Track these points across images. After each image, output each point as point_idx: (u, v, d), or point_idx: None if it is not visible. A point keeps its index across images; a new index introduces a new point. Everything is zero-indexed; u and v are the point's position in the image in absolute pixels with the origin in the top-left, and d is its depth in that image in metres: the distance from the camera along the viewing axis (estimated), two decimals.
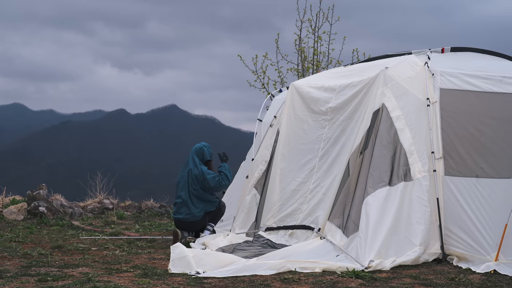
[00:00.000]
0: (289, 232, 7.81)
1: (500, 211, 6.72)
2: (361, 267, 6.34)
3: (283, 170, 8.26)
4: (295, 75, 15.14)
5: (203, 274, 6.14)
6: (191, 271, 6.24)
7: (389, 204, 6.85)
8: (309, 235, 7.56)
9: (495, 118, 7.20)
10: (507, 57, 8.32)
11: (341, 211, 7.20)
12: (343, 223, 7.08)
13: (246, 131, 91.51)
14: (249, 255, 7.01)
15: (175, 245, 6.84)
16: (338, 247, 6.87)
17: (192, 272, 6.21)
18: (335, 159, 7.83)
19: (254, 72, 15.22)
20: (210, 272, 6.19)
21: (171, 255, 6.59)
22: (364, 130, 7.40)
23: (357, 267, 6.31)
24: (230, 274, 6.12)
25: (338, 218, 7.19)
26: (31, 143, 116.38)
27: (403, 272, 6.34)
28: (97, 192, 12.41)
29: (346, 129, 7.84)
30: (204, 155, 8.59)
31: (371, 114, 7.38)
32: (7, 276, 5.94)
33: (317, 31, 15.15)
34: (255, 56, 15.23)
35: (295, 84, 8.58)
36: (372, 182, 6.94)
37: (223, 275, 6.07)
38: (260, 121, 9.75)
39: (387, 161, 7.08)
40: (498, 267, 6.38)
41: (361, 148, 7.32)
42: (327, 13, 15.08)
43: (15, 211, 10.68)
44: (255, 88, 15.37)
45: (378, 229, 6.67)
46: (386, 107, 7.30)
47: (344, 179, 7.44)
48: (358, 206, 6.92)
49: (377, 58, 8.85)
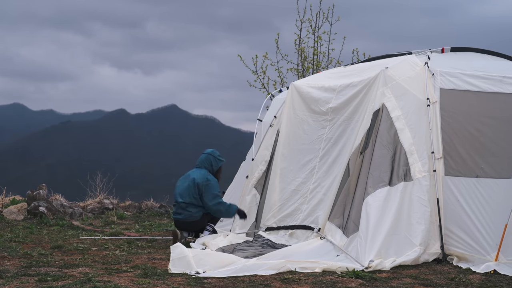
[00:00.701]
0: (289, 232, 7.81)
1: (500, 211, 6.72)
2: (361, 267, 6.34)
3: (283, 170, 8.26)
4: (295, 75, 15.14)
5: (203, 274, 6.14)
6: (191, 271, 6.24)
7: (389, 204, 6.85)
8: (309, 235, 7.57)
9: (495, 118, 7.20)
10: (507, 57, 8.32)
11: (341, 211, 7.20)
12: (343, 223, 7.08)
13: (246, 131, 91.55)
14: (249, 255, 7.01)
15: (175, 245, 6.84)
16: (338, 247, 6.88)
17: (192, 272, 6.21)
18: (336, 159, 7.82)
19: (254, 72, 15.22)
20: (210, 272, 6.19)
21: (171, 255, 6.58)
22: (364, 130, 7.39)
23: (357, 267, 6.31)
24: (230, 274, 6.12)
25: (338, 218, 7.19)
26: (31, 143, 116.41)
27: (403, 272, 6.34)
28: (97, 192, 12.42)
29: (346, 129, 7.84)
30: (212, 165, 8.38)
31: (371, 114, 7.38)
32: (7, 276, 5.94)
33: (317, 31, 15.17)
34: (255, 56, 15.24)
35: (295, 84, 8.58)
36: (372, 182, 6.94)
37: (223, 275, 6.07)
38: (260, 121, 9.75)
39: (387, 161, 7.08)
40: (498, 267, 6.38)
41: (361, 148, 7.32)
42: (327, 13, 15.10)
43: (15, 211, 10.68)
44: (255, 88, 15.38)
45: (378, 229, 6.67)
46: (386, 107, 7.30)
47: (344, 179, 7.43)
48: (358, 206, 6.92)
49: (377, 58, 8.85)
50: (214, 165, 8.38)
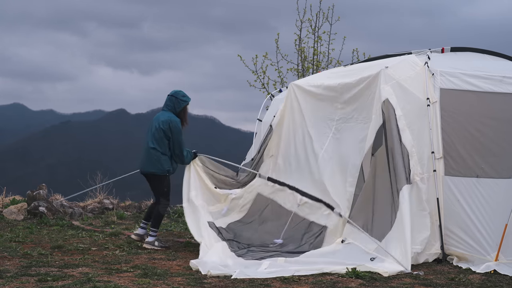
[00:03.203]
0: (299, 198, 7.71)
1: (500, 211, 6.72)
2: (406, 270, 6.26)
3: (281, 166, 8.32)
4: (295, 75, 15.14)
5: (236, 274, 6.10)
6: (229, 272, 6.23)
7: (410, 201, 6.79)
8: (323, 212, 7.51)
9: (495, 118, 7.20)
10: (507, 57, 8.32)
11: (364, 212, 7.09)
12: (369, 224, 6.99)
13: (246, 131, 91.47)
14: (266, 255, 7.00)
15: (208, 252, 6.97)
16: (366, 250, 6.76)
17: (230, 273, 6.18)
18: (338, 157, 7.80)
19: (254, 72, 15.22)
20: (246, 272, 6.19)
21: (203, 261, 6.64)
22: (374, 130, 7.28)
23: (400, 269, 6.24)
24: (268, 275, 6.09)
25: (361, 219, 7.07)
26: (31, 143, 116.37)
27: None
28: (97, 192, 12.41)
29: (347, 129, 7.83)
30: (175, 104, 8.05)
31: (379, 111, 7.28)
32: (7, 276, 5.94)
33: (317, 31, 15.16)
34: (255, 56, 15.24)
35: (295, 84, 8.57)
36: (397, 179, 6.84)
37: (260, 276, 6.04)
38: (260, 121, 9.75)
39: (401, 158, 7.00)
40: (498, 267, 6.38)
41: (372, 150, 7.26)
42: (327, 13, 15.10)
43: (15, 211, 10.67)
44: (255, 88, 15.38)
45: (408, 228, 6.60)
46: (391, 104, 7.22)
47: (359, 184, 7.39)
48: (384, 206, 6.85)
49: (377, 58, 8.85)
50: (176, 106, 8.09)
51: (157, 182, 8.01)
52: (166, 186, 8.01)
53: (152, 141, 7.94)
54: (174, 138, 7.91)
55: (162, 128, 7.90)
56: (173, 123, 7.90)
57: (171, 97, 8.13)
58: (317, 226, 7.51)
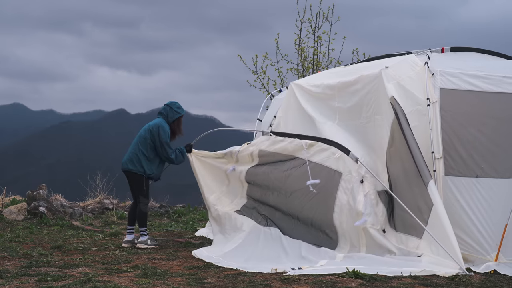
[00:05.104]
0: (335, 154, 7.39)
1: (500, 211, 6.72)
2: (462, 271, 6.17)
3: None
4: (295, 75, 15.16)
5: (298, 271, 6.26)
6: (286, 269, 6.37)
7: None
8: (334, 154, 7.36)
9: (495, 118, 7.19)
10: (507, 57, 8.32)
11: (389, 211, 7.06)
12: (394, 222, 6.99)
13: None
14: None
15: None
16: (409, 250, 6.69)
17: (287, 269, 6.33)
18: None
19: (254, 72, 15.23)
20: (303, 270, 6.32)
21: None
22: (388, 128, 7.23)
23: (456, 271, 6.16)
24: (324, 271, 6.23)
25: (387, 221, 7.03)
26: (31, 143, 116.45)
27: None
28: (97, 192, 12.42)
29: (346, 129, 7.83)
30: (168, 115, 8.24)
31: (389, 106, 7.25)
32: (7, 276, 5.94)
33: (317, 31, 15.17)
34: (255, 56, 15.25)
35: (295, 83, 8.58)
36: (421, 174, 6.74)
37: (311, 272, 6.19)
38: (260, 121, 9.76)
39: (420, 153, 6.91)
40: (498, 267, 6.38)
41: (388, 147, 7.22)
42: (327, 13, 15.11)
43: (15, 211, 10.68)
44: (255, 88, 15.39)
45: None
46: (396, 100, 7.19)
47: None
48: (413, 201, 6.77)
49: (377, 58, 8.85)
50: (170, 116, 8.26)
51: (135, 181, 8.13)
52: (146, 186, 8.15)
53: (138, 143, 8.16)
54: (159, 141, 8.07)
55: (150, 131, 8.12)
56: (157, 127, 8.10)
57: (166, 106, 8.34)
58: (327, 169, 7.36)
